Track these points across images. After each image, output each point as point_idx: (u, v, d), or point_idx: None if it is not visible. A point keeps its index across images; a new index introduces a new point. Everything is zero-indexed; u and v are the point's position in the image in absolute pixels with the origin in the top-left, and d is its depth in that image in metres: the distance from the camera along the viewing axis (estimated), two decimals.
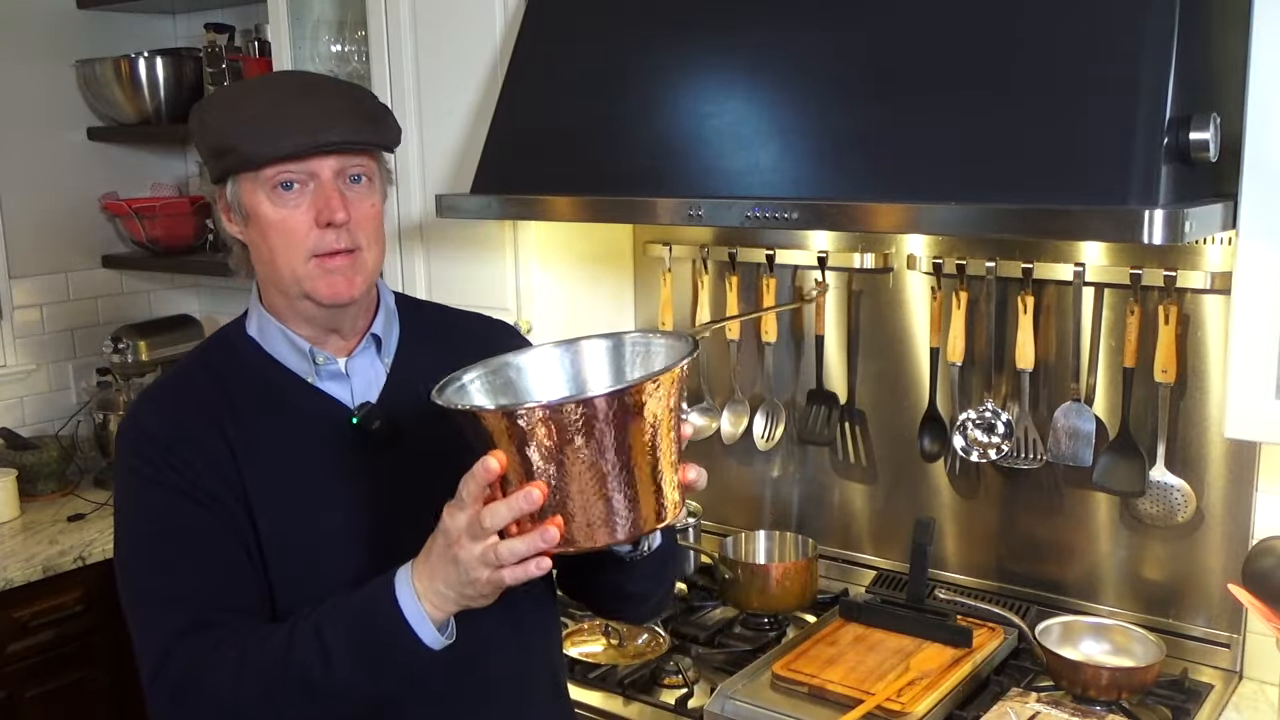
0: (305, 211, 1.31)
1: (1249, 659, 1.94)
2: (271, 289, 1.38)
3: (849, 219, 1.68)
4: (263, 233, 1.33)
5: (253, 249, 1.37)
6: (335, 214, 1.30)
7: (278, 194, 1.30)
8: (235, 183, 1.33)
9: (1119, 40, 1.49)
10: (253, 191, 1.32)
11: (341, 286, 1.33)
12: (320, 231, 1.31)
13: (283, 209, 1.31)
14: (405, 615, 1.18)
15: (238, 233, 1.37)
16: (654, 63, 1.88)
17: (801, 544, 2.32)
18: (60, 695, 2.67)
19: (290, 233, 1.31)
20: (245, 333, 1.42)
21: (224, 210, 1.37)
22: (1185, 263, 1.90)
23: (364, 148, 1.33)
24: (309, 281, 1.33)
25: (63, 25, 3.19)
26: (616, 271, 2.52)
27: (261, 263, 1.36)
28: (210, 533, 1.33)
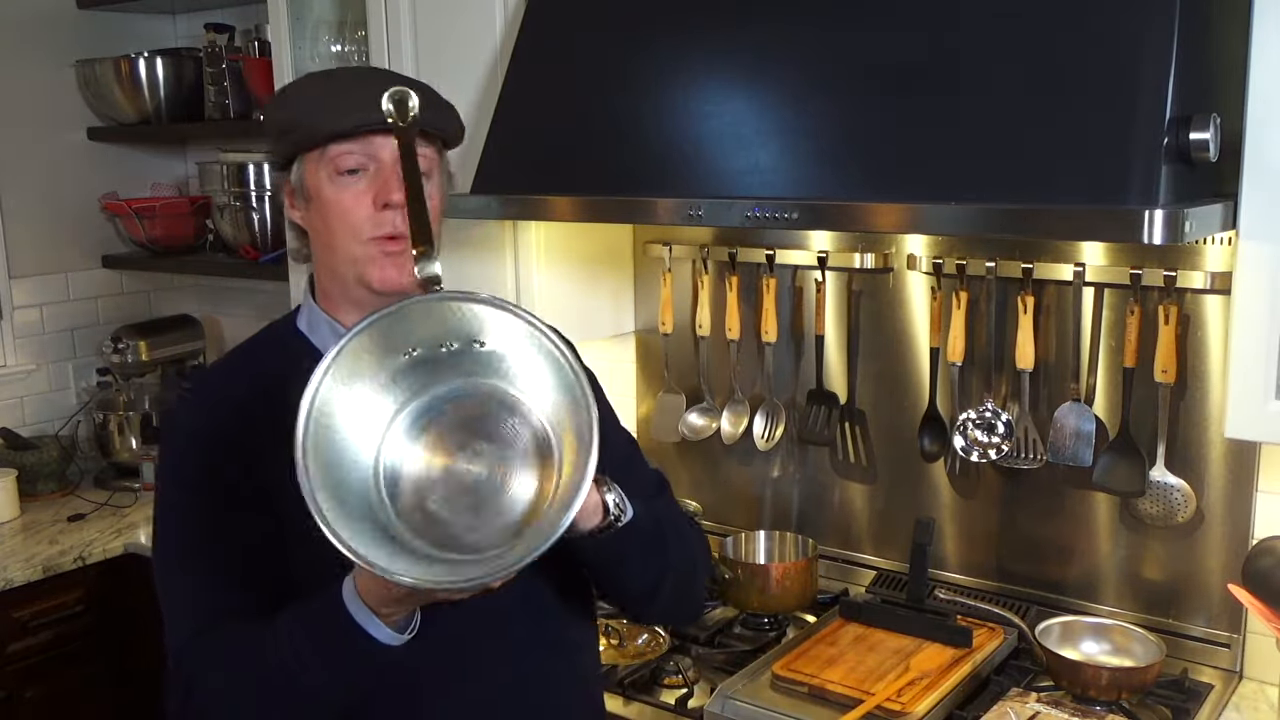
0: (364, 193, 1.30)
1: (1249, 659, 1.94)
2: (327, 276, 1.37)
3: (849, 219, 1.68)
4: (323, 214, 1.32)
5: (312, 234, 1.37)
6: (392, 194, 1.28)
7: (339, 176, 1.30)
8: (300, 165, 1.33)
9: (1119, 40, 1.49)
10: (315, 172, 1.32)
11: (393, 272, 1.31)
12: (378, 213, 1.30)
13: (343, 190, 1.30)
14: (355, 618, 1.18)
15: (299, 218, 1.37)
16: (654, 63, 1.88)
17: (801, 544, 2.32)
18: (60, 695, 2.67)
19: (348, 213, 1.30)
20: (295, 327, 1.42)
21: (288, 194, 1.37)
22: (1185, 263, 1.90)
23: (428, 131, 1.32)
24: (364, 265, 1.31)
25: (63, 25, 3.19)
26: (616, 271, 2.52)
27: (320, 245, 1.36)
28: (239, 537, 1.32)
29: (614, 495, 1.28)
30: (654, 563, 1.39)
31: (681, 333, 2.47)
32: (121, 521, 2.88)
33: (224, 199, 3.05)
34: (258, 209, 3.01)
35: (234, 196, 3.02)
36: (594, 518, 1.25)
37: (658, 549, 1.38)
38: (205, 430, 1.36)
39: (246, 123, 2.95)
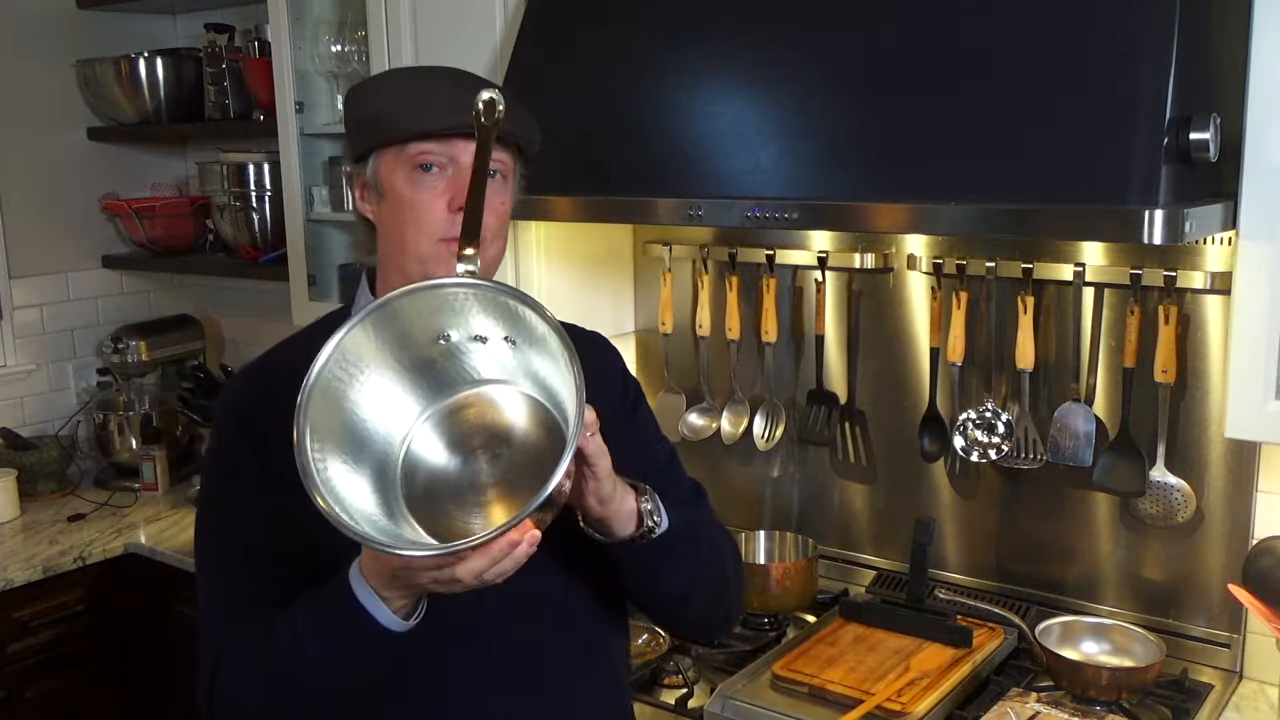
0: (441, 194, 1.30)
1: (1249, 659, 1.94)
2: (393, 270, 1.35)
3: (849, 219, 1.68)
4: (396, 210, 1.31)
5: (382, 229, 1.35)
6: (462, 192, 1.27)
7: (417, 174, 1.30)
8: (376, 159, 1.32)
9: (1119, 40, 1.49)
10: (392, 169, 1.31)
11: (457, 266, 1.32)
12: (453, 216, 1.29)
13: (420, 189, 1.30)
14: (358, 596, 1.17)
15: (370, 211, 1.36)
16: (654, 62, 1.88)
17: (801, 544, 2.32)
18: (60, 695, 2.67)
19: (423, 212, 1.30)
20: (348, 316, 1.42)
21: (360, 187, 1.36)
22: (1185, 263, 1.90)
23: (506, 138, 1.32)
24: (433, 264, 1.30)
25: (63, 25, 3.19)
26: (616, 271, 2.52)
27: (389, 241, 1.34)
28: (280, 525, 1.29)
29: (650, 504, 1.27)
30: (687, 572, 1.37)
31: (681, 333, 2.47)
32: (121, 521, 2.88)
33: (224, 199, 3.05)
34: (258, 209, 3.01)
35: (234, 196, 3.02)
36: (629, 525, 1.25)
37: (691, 559, 1.38)
38: (246, 414, 1.35)
39: (246, 123, 2.95)
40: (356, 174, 1.36)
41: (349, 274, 2.79)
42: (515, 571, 1.10)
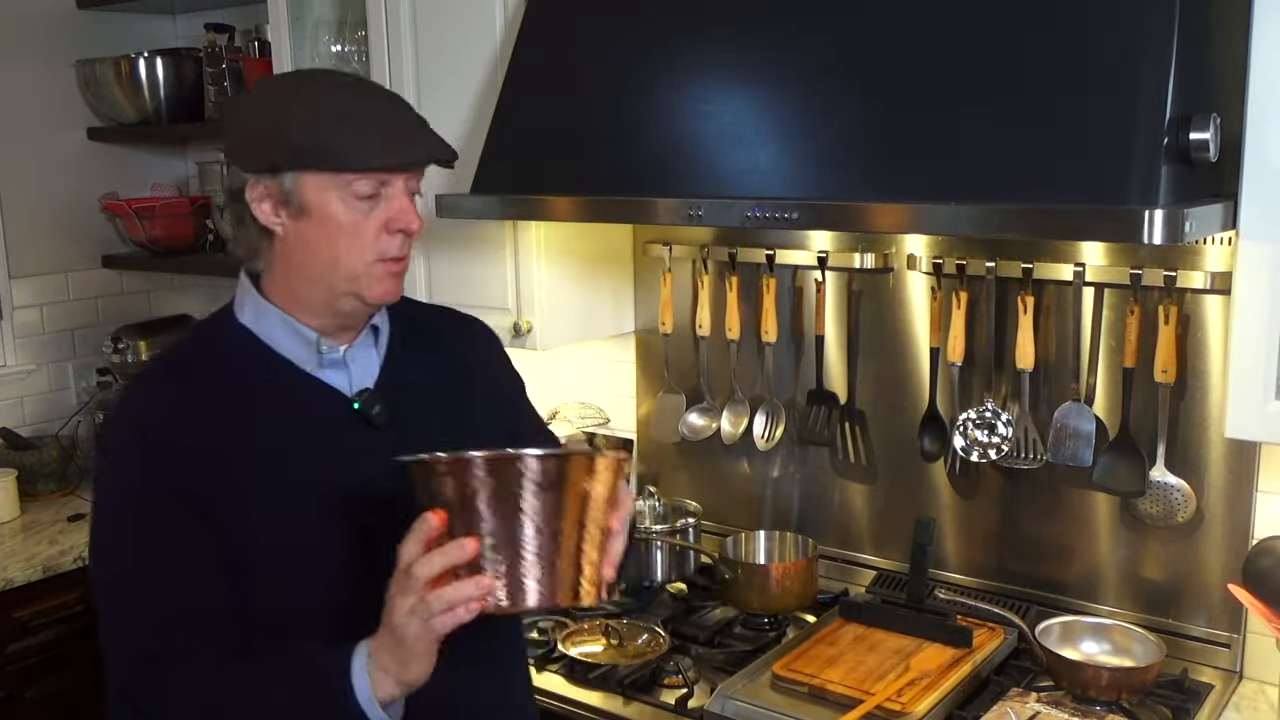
0: (377, 217, 1.34)
1: (1249, 659, 1.94)
2: (305, 283, 1.37)
3: (849, 219, 1.68)
4: (326, 232, 1.34)
5: (300, 243, 1.35)
6: (412, 224, 1.36)
7: (355, 201, 1.33)
8: (298, 176, 1.32)
9: (1119, 40, 1.49)
10: (323, 190, 1.32)
11: (393, 290, 1.39)
12: (389, 237, 1.35)
13: (357, 214, 1.33)
14: (358, 699, 1.23)
15: (279, 224, 1.35)
16: (654, 62, 1.88)
17: (801, 544, 2.32)
18: (60, 695, 2.67)
19: (359, 236, 1.34)
20: (237, 322, 1.42)
21: (264, 199, 1.34)
22: (1185, 263, 1.90)
23: (445, 164, 1.39)
24: (365, 281, 1.36)
25: (63, 25, 3.19)
26: (616, 271, 2.52)
27: (312, 258, 1.36)
28: (194, 544, 1.33)
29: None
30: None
31: (681, 333, 2.47)
32: None
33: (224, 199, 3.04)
34: None
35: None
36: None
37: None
38: (156, 436, 1.34)
39: None
40: (262, 185, 1.34)
41: None
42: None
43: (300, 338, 1.40)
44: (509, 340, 2.34)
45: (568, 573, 1.20)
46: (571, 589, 1.21)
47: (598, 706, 1.90)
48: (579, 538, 1.21)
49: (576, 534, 1.20)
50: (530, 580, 1.18)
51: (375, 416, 1.41)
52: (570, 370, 2.70)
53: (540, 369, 2.73)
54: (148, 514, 1.34)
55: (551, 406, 2.68)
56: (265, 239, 1.37)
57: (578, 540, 1.21)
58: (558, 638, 2.08)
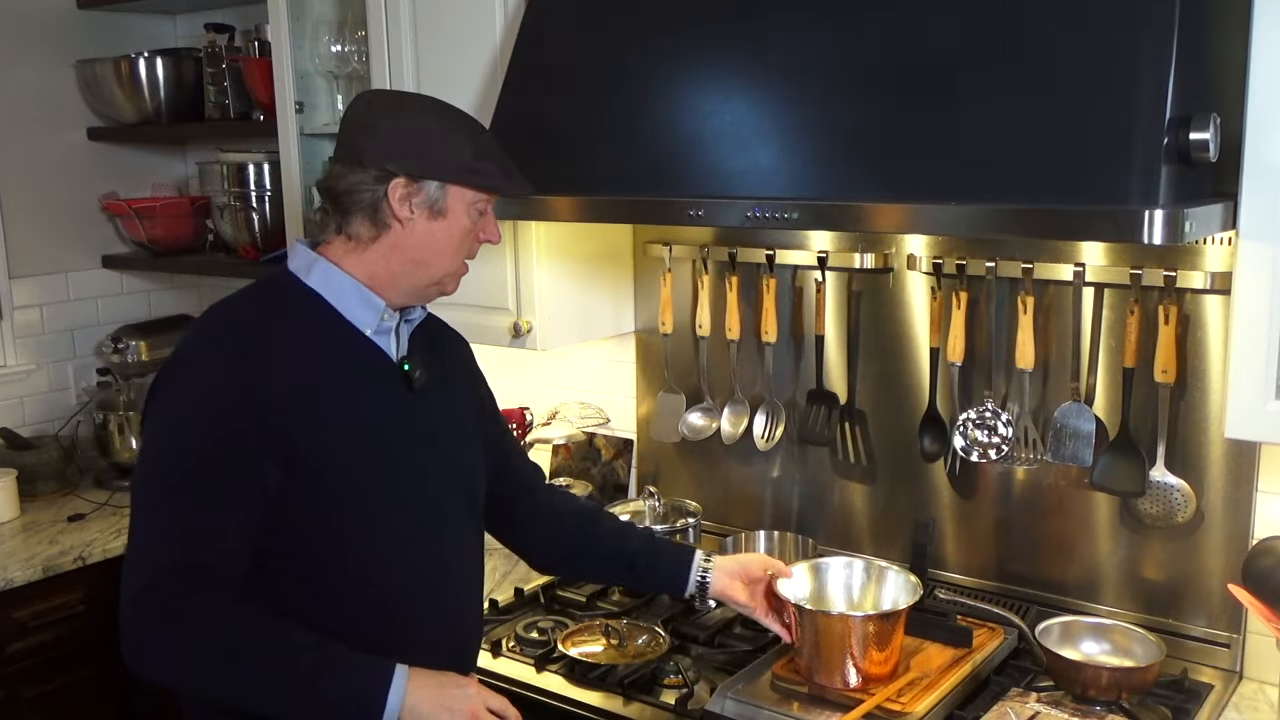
0: (477, 229, 1.62)
1: (1249, 659, 1.94)
2: (402, 273, 1.59)
3: (849, 219, 1.68)
4: (450, 233, 1.59)
5: (422, 238, 1.58)
6: (496, 237, 1.66)
7: (475, 213, 1.60)
8: (445, 186, 1.56)
9: (1119, 40, 1.49)
10: (463, 202, 1.58)
11: (457, 286, 1.67)
12: (475, 244, 1.64)
13: (470, 222, 1.60)
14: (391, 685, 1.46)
15: (409, 218, 1.56)
16: (654, 63, 1.88)
17: (801, 544, 2.32)
18: (60, 695, 2.67)
19: (464, 241, 1.61)
20: (303, 282, 1.59)
21: (406, 198, 1.55)
22: (1185, 263, 1.90)
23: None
24: (448, 279, 1.64)
25: (63, 25, 3.19)
26: (616, 271, 2.52)
27: (426, 250, 1.58)
28: (244, 480, 1.47)
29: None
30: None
31: (681, 333, 2.47)
32: (121, 521, 2.88)
33: (224, 199, 3.05)
34: (258, 209, 3.01)
35: (234, 196, 3.02)
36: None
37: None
38: (225, 380, 1.49)
39: (246, 123, 2.95)
40: (405, 185, 1.54)
41: None
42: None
43: (369, 305, 1.60)
44: (509, 340, 2.34)
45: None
46: None
47: (598, 706, 1.90)
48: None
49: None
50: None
51: (416, 380, 1.65)
52: (570, 370, 2.70)
53: (540, 369, 2.74)
54: (206, 446, 1.47)
55: (551, 406, 2.68)
56: (376, 228, 1.57)
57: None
58: (558, 638, 2.08)
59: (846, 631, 1.79)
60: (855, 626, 1.80)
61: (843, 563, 2.01)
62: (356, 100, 1.64)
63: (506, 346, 2.36)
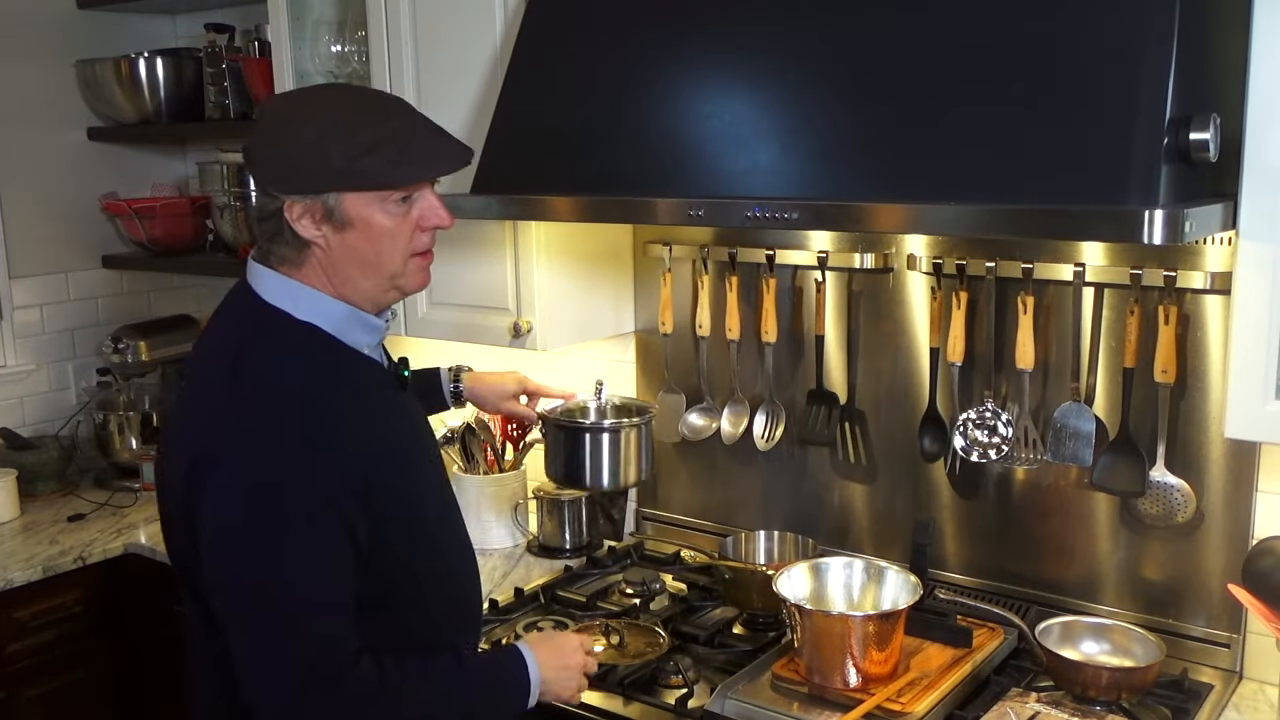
0: (411, 217, 1.51)
1: (1249, 659, 1.94)
2: (355, 283, 1.52)
3: (849, 219, 1.68)
4: (370, 238, 1.48)
5: (344, 250, 1.49)
6: (443, 220, 1.54)
7: (395, 206, 1.48)
8: (339, 196, 1.45)
9: (1119, 40, 1.49)
10: (365, 204, 1.47)
11: (425, 280, 1.58)
12: (421, 234, 1.53)
13: (395, 218, 1.49)
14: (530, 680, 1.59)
15: (319, 236, 1.48)
16: (654, 63, 1.88)
17: (801, 544, 2.32)
18: (60, 695, 2.67)
19: (398, 236, 1.50)
20: (294, 318, 1.51)
21: (304, 216, 1.46)
22: (1185, 263, 1.90)
23: (466, 165, 1.54)
24: (405, 276, 1.54)
25: (63, 25, 3.19)
26: (616, 271, 2.52)
27: (356, 262, 1.50)
28: (339, 544, 1.44)
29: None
30: None
31: (681, 333, 2.47)
32: (121, 521, 2.88)
33: (224, 199, 3.05)
34: None
35: (234, 196, 3.02)
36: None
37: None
38: (320, 445, 1.43)
39: (246, 123, 2.95)
40: (301, 204, 1.45)
41: None
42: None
43: (370, 327, 1.56)
44: (509, 340, 2.34)
45: None
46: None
47: (598, 706, 1.89)
48: None
49: None
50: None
51: (408, 381, 1.66)
52: (570, 370, 2.70)
53: (540, 369, 2.73)
54: (315, 510, 1.42)
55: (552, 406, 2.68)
56: (303, 250, 1.50)
57: None
58: None
59: (846, 631, 1.79)
60: (855, 626, 1.80)
61: (843, 563, 2.01)
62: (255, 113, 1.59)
63: (506, 346, 2.36)
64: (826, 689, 1.83)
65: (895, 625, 1.83)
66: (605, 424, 2.21)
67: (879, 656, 1.82)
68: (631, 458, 2.22)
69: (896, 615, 1.83)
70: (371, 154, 1.43)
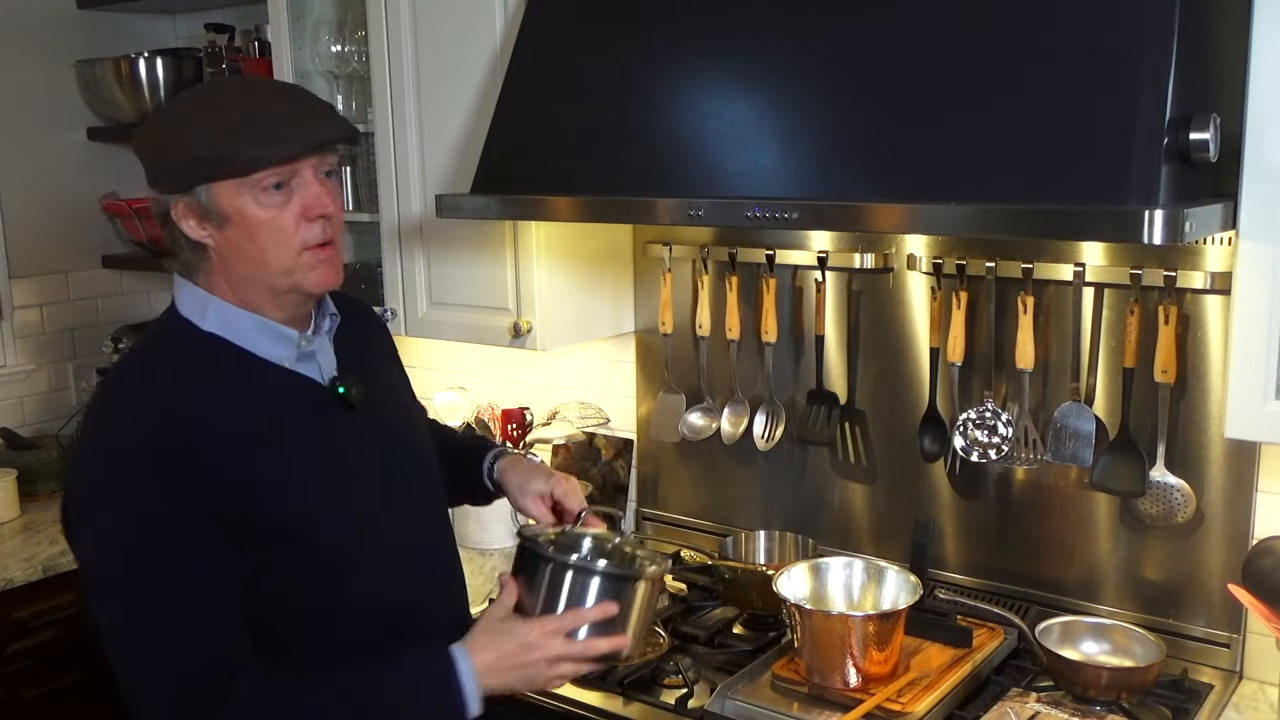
0: (292, 208, 1.39)
1: (1249, 659, 1.94)
2: (252, 285, 1.42)
3: (849, 219, 1.68)
4: (250, 233, 1.38)
5: (230, 249, 1.40)
6: (327, 208, 1.40)
7: (267, 195, 1.37)
8: (210, 189, 1.36)
9: (1119, 40, 1.49)
10: (235, 196, 1.36)
11: (330, 276, 1.44)
12: (308, 224, 1.40)
13: (272, 208, 1.38)
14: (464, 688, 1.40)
15: (205, 236, 1.40)
16: (654, 63, 1.88)
17: (801, 544, 2.32)
18: (60, 695, 2.67)
19: (280, 229, 1.38)
20: (201, 330, 1.43)
21: (187, 216, 1.39)
22: (1185, 263, 1.90)
23: (342, 143, 1.43)
24: (301, 273, 1.41)
25: (63, 25, 3.19)
26: (616, 271, 2.52)
27: (245, 260, 1.40)
28: (223, 554, 1.36)
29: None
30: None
31: (681, 333, 2.47)
32: None
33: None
34: None
35: None
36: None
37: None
38: (171, 445, 1.34)
39: None
40: (183, 203, 1.38)
41: (349, 274, 2.79)
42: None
43: (280, 337, 1.45)
44: (509, 340, 2.34)
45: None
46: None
47: (598, 706, 1.90)
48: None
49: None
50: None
51: (354, 398, 1.49)
52: (570, 370, 2.70)
53: (540, 369, 2.74)
54: (173, 544, 1.34)
55: (551, 406, 2.68)
56: (199, 253, 1.42)
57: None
58: None
59: (846, 631, 1.79)
60: (855, 626, 1.79)
61: (843, 563, 2.01)
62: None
63: (506, 346, 2.36)
64: (826, 689, 1.83)
65: (895, 625, 1.83)
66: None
67: (879, 656, 1.82)
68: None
69: (896, 615, 1.83)
70: (226, 139, 1.34)
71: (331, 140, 1.40)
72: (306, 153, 1.37)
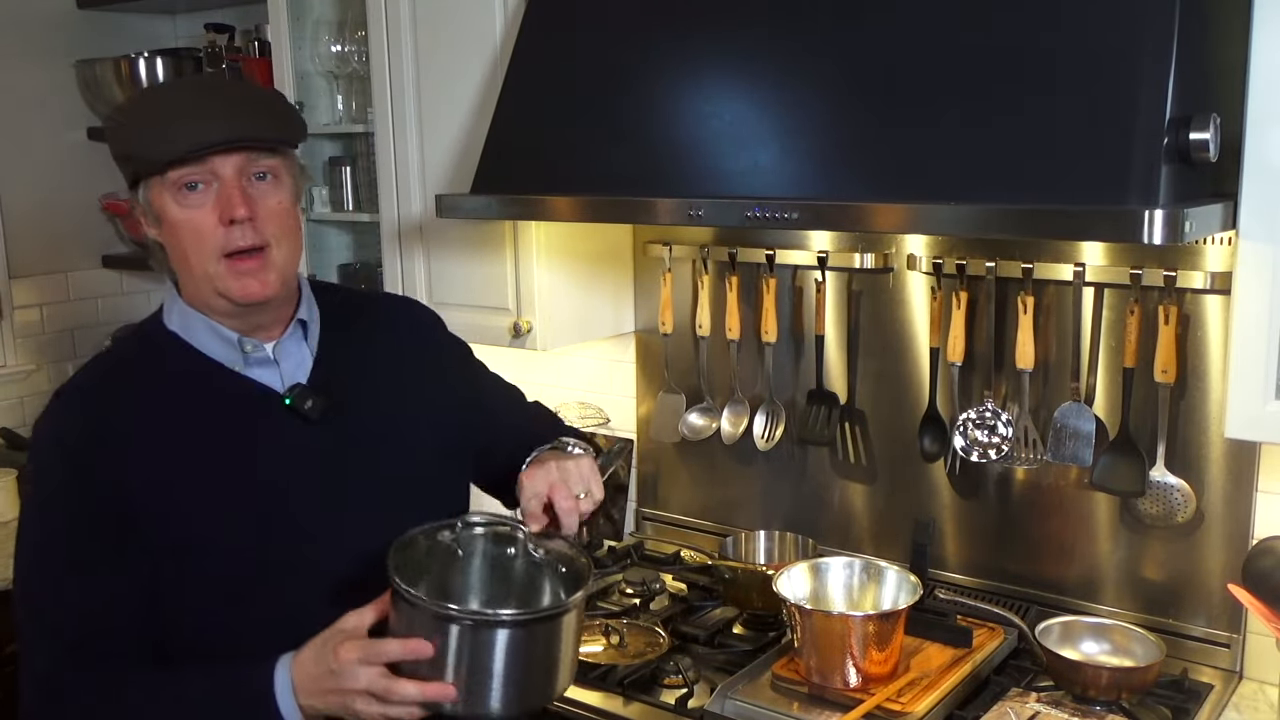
0: (210, 211, 1.34)
1: (1249, 659, 1.94)
2: (191, 287, 1.41)
3: (849, 219, 1.68)
4: (174, 234, 1.36)
5: (169, 250, 1.40)
6: (235, 210, 1.33)
7: (182, 195, 1.34)
8: (145, 187, 1.36)
9: (1119, 40, 1.49)
10: (160, 194, 1.35)
11: (254, 287, 1.37)
12: (226, 229, 1.34)
13: (188, 209, 1.34)
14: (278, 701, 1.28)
15: (155, 235, 1.40)
16: (654, 63, 1.88)
17: (801, 544, 2.32)
18: None
19: (197, 232, 1.35)
20: (166, 328, 1.44)
21: (142, 214, 1.40)
22: (1185, 263, 1.90)
23: (255, 144, 1.35)
24: (220, 281, 1.36)
25: (63, 25, 3.19)
26: (616, 271, 2.52)
27: (178, 261, 1.40)
28: (107, 556, 1.34)
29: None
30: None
31: (681, 333, 2.47)
32: None
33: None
34: None
35: None
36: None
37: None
38: (76, 440, 1.35)
39: None
40: (135, 203, 1.39)
41: (348, 274, 2.80)
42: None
43: (223, 339, 1.41)
44: (509, 340, 2.34)
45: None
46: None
47: (598, 706, 1.89)
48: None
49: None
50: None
51: (309, 411, 1.41)
52: (570, 370, 2.70)
53: (540, 369, 2.73)
54: (57, 526, 1.35)
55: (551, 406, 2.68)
56: (161, 252, 1.42)
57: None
58: None
59: (846, 631, 1.79)
60: (855, 626, 1.80)
61: (843, 563, 2.01)
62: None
63: (506, 346, 2.36)
64: (826, 689, 1.83)
65: (895, 625, 1.83)
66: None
67: (879, 656, 1.82)
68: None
69: (896, 615, 1.83)
70: (135, 137, 1.33)
71: (230, 140, 1.31)
72: (197, 152, 1.30)
